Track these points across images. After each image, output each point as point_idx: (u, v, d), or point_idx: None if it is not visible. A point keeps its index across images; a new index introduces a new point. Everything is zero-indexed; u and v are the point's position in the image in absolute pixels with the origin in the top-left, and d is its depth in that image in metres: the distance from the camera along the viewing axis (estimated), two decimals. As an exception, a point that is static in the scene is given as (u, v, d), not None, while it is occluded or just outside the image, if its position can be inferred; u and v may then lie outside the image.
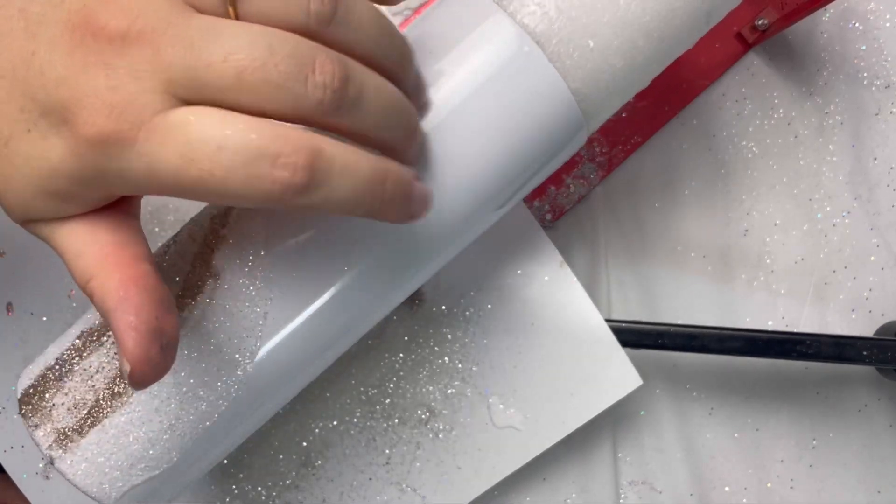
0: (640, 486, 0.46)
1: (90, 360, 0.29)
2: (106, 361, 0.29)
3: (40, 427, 0.29)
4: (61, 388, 0.29)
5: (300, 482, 0.41)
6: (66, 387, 0.29)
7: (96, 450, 0.29)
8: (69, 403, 0.29)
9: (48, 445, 0.29)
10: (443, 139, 0.30)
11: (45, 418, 0.29)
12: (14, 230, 0.40)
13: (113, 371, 0.29)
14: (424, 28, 0.32)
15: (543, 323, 0.41)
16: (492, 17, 0.30)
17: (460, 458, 0.41)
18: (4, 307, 0.41)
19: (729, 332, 0.41)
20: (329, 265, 0.30)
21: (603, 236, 0.47)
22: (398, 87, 0.26)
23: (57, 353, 0.30)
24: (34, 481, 0.41)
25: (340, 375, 0.41)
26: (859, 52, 0.47)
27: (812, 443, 0.47)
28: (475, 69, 0.30)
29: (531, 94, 0.30)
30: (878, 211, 0.47)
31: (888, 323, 0.46)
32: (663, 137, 0.48)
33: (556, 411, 0.41)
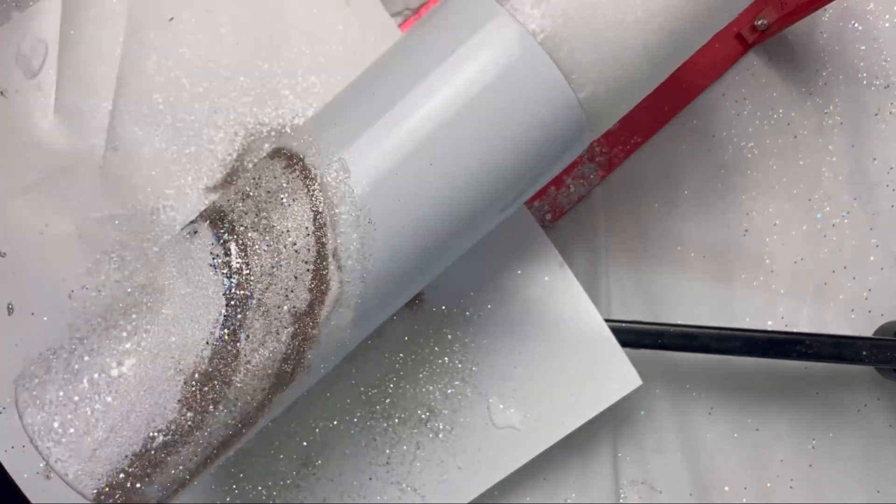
0: (640, 486, 0.47)
1: (182, 454, 0.30)
2: (196, 452, 0.30)
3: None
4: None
5: (301, 482, 0.41)
6: (158, 480, 0.30)
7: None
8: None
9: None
10: (448, 140, 0.30)
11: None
12: (15, 231, 0.40)
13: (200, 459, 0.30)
14: (428, 29, 0.32)
15: (543, 323, 0.41)
16: (496, 18, 0.30)
17: (460, 458, 0.41)
18: (5, 308, 0.41)
19: (729, 332, 0.42)
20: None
21: (603, 236, 0.48)
22: None
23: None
24: (34, 481, 0.41)
25: (341, 375, 0.41)
26: (859, 53, 0.47)
27: (811, 442, 0.47)
28: (479, 71, 0.30)
29: (535, 95, 0.30)
30: (877, 211, 0.47)
31: (887, 323, 0.46)
32: (663, 137, 0.48)
33: (556, 411, 0.41)
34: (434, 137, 0.30)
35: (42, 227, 0.41)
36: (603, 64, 0.31)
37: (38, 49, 0.41)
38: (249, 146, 0.41)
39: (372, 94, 0.31)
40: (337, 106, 0.33)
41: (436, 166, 0.30)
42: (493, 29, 0.30)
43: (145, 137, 0.41)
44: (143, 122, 0.41)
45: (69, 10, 0.41)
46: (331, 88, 0.41)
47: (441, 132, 0.30)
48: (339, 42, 0.41)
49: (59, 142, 0.40)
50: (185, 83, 0.41)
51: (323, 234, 0.29)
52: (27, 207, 0.41)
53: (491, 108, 0.30)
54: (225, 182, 0.41)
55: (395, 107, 0.30)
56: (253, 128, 0.41)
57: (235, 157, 0.41)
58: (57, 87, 0.41)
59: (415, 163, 0.30)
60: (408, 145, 0.30)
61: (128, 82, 0.41)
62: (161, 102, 0.41)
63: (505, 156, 0.31)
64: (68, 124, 0.41)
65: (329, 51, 0.41)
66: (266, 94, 0.41)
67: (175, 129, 0.41)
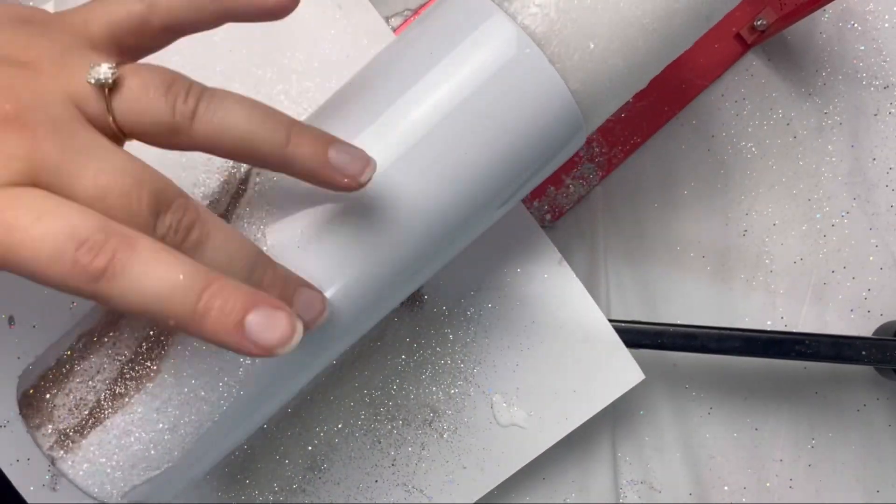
0: (639, 486, 0.47)
1: (90, 361, 0.29)
2: (107, 362, 0.29)
3: (41, 428, 0.29)
4: (62, 388, 0.29)
5: (307, 486, 0.41)
6: (67, 388, 0.29)
7: (97, 450, 0.29)
8: (70, 404, 0.29)
9: (49, 446, 0.29)
10: (444, 138, 0.30)
11: (46, 419, 0.29)
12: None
13: (114, 372, 0.29)
14: (424, 28, 0.32)
15: (544, 320, 0.41)
16: (492, 17, 0.30)
17: (465, 458, 0.41)
18: (6, 320, 0.41)
19: (728, 331, 0.42)
20: (326, 270, 0.30)
21: (602, 236, 0.48)
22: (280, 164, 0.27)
23: (56, 354, 0.30)
24: (41, 493, 0.41)
25: (344, 378, 0.41)
26: (858, 53, 0.47)
27: (811, 442, 0.47)
28: (475, 70, 0.30)
29: (531, 94, 0.30)
30: (876, 211, 0.47)
31: (887, 323, 0.46)
32: (663, 137, 0.48)
33: (560, 408, 0.41)
34: (430, 137, 0.30)
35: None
36: (597, 58, 0.31)
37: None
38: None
39: (367, 97, 0.31)
40: (332, 109, 0.33)
41: (433, 165, 0.30)
42: (489, 28, 0.30)
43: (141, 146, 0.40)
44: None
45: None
46: (325, 92, 0.41)
47: (437, 131, 0.30)
48: (333, 46, 0.41)
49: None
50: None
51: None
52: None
53: (487, 106, 0.30)
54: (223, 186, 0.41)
55: (390, 107, 0.30)
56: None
57: (232, 164, 0.41)
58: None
59: (412, 162, 0.30)
60: (404, 145, 0.30)
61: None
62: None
63: (501, 153, 0.31)
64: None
65: (322, 55, 0.41)
66: (261, 99, 0.41)
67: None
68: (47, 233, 0.21)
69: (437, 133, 0.30)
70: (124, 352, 0.29)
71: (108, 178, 0.23)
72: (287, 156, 0.27)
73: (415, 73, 0.30)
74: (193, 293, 0.23)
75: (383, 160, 0.30)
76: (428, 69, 0.30)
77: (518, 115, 0.30)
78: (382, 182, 0.30)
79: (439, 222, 0.31)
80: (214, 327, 0.23)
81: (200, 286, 0.23)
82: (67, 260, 0.21)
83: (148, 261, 0.22)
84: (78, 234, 0.22)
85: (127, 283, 0.22)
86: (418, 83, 0.30)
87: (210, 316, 0.23)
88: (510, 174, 0.32)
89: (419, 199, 0.30)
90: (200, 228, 0.25)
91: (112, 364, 0.29)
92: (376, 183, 0.30)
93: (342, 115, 0.31)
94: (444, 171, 0.30)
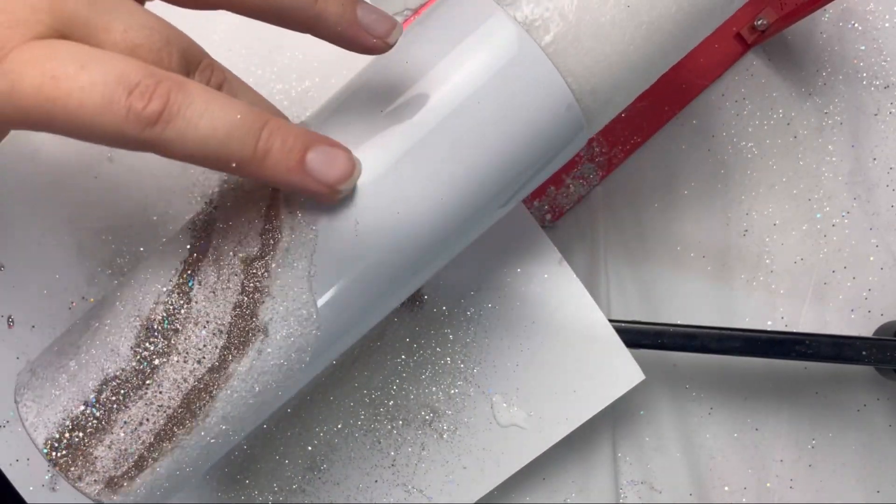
0: (639, 486, 0.47)
1: (133, 412, 0.29)
2: (152, 412, 0.29)
3: (84, 478, 0.29)
4: (102, 441, 0.29)
5: (306, 486, 0.41)
6: (108, 440, 0.29)
7: (148, 490, 0.29)
8: (114, 455, 0.29)
9: (97, 492, 0.29)
10: (444, 138, 0.30)
11: (89, 470, 0.29)
12: (14, 243, 0.40)
13: (160, 422, 0.29)
14: (425, 28, 0.32)
15: (544, 320, 0.41)
16: (493, 16, 0.30)
17: (465, 458, 0.41)
18: (5, 320, 0.41)
19: (728, 331, 0.42)
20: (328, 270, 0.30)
21: (602, 236, 0.48)
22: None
23: (79, 397, 0.29)
24: (40, 493, 0.41)
25: (344, 379, 0.41)
26: (858, 53, 0.47)
27: (811, 442, 0.47)
28: (476, 69, 0.30)
29: (532, 94, 0.30)
30: (877, 211, 0.47)
31: (887, 323, 0.46)
32: (663, 137, 0.48)
33: (560, 408, 0.41)
34: (431, 136, 0.30)
35: (40, 239, 0.41)
36: (600, 58, 0.31)
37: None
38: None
39: (367, 97, 0.31)
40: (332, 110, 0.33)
41: (433, 165, 0.30)
42: (490, 27, 0.30)
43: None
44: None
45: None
46: (325, 91, 0.41)
47: (438, 131, 0.30)
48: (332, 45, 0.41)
49: (55, 153, 0.40)
50: (179, 90, 0.41)
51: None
52: (25, 220, 0.41)
53: (488, 105, 0.30)
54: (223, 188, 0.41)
55: (391, 107, 0.30)
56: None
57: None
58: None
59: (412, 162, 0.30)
60: (405, 145, 0.30)
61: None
62: (156, 111, 0.41)
63: (502, 153, 0.30)
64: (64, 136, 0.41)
65: (321, 54, 0.41)
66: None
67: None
68: (95, 80, 0.21)
69: (438, 133, 0.30)
70: (168, 402, 0.29)
71: (138, 35, 0.22)
72: (316, 14, 0.26)
73: (415, 73, 0.30)
74: (253, 132, 0.23)
75: (385, 161, 0.30)
76: (428, 69, 0.30)
77: (519, 114, 0.30)
78: (383, 182, 0.30)
79: (439, 222, 0.31)
80: (276, 166, 0.23)
81: (259, 125, 0.23)
82: (121, 106, 0.21)
83: (204, 102, 0.22)
84: (128, 79, 0.21)
85: (185, 126, 0.22)
86: (419, 83, 0.30)
87: (271, 155, 0.23)
88: (511, 174, 0.31)
89: (419, 199, 0.30)
90: (228, 88, 0.25)
91: (158, 415, 0.29)
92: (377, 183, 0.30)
93: (343, 117, 0.31)
94: (445, 171, 0.30)
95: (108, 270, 0.41)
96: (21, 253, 0.40)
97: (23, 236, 0.41)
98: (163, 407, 0.29)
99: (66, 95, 0.21)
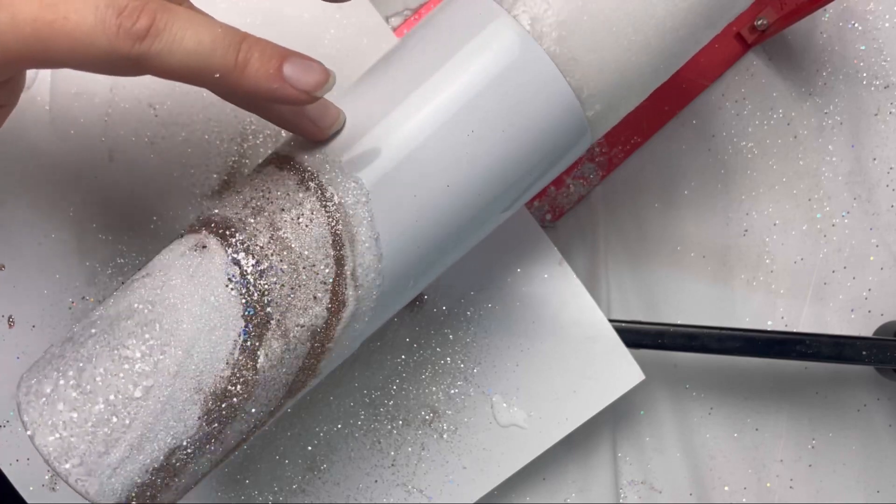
0: (639, 486, 0.47)
1: (202, 467, 0.30)
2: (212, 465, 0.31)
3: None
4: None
5: (306, 486, 0.41)
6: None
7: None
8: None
9: None
10: (446, 141, 0.30)
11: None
12: (14, 244, 0.40)
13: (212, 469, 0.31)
14: (429, 31, 0.32)
15: (544, 320, 0.41)
16: (497, 20, 0.30)
17: (465, 458, 0.41)
18: (5, 320, 0.41)
19: (728, 331, 0.42)
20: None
21: (603, 236, 0.48)
22: None
23: (145, 466, 0.29)
24: (40, 493, 0.41)
25: (344, 379, 0.41)
26: (859, 53, 0.47)
27: (811, 442, 0.47)
28: (479, 73, 0.30)
29: (536, 98, 0.30)
30: (877, 211, 0.47)
31: (887, 323, 0.46)
32: (663, 137, 0.48)
33: (560, 408, 0.41)
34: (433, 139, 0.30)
35: (41, 239, 0.41)
36: (604, 64, 0.31)
37: (32, 61, 0.41)
38: (246, 152, 0.41)
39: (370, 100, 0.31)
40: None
41: (435, 168, 0.30)
42: (494, 30, 0.30)
43: (140, 146, 0.41)
44: (137, 132, 0.41)
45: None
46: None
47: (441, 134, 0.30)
48: (332, 45, 0.41)
49: (55, 153, 0.40)
50: (179, 90, 0.41)
51: (342, 255, 0.30)
52: (26, 220, 0.41)
53: (491, 108, 0.30)
54: (223, 187, 0.40)
55: (395, 110, 0.30)
56: (249, 134, 0.41)
57: (232, 164, 0.41)
58: (51, 98, 0.41)
59: (414, 165, 0.30)
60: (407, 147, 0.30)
61: (121, 91, 0.41)
62: (156, 110, 0.41)
63: (504, 157, 0.31)
64: (64, 135, 0.41)
65: (322, 54, 0.41)
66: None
67: (171, 137, 0.41)
68: (87, 4, 0.23)
69: (440, 136, 0.30)
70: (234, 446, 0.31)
71: None
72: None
73: (418, 76, 0.30)
74: (233, 45, 0.25)
75: (387, 162, 0.30)
76: (431, 72, 0.30)
77: (522, 118, 0.30)
78: (385, 184, 0.30)
79: (440, 226, 0.31)
80: (256, 75, 0.26)
81: (238, 38, 0.25)
82: (111, 25, 0.23)
83: (187, 19, 0.24)
84: (117, 1, 0.23)
85: (170, 40, 0.24)
86: (422, 86, 0.30)
87: (251, 65, 0.25)
88: (513, 177, 0.31)
89: (420, 202, 0.30)
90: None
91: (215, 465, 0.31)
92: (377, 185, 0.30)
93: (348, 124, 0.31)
94: (447, 174, 0.30)
95: (108, 270, 0.41)
96: (21, 253, 0.40)
97: (23, 236, 0.41)
98: (222, 453, 0.30)
99: (62, 19, 0.23)
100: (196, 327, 0.28)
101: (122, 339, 0.28)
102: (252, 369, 0.29)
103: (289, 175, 0.30)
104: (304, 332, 0.29)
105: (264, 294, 0.29)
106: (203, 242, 0.30)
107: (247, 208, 0.30)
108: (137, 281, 0.30)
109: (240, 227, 0.29)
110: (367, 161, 0.30)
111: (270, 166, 0.32)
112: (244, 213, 0.30)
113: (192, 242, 0.30)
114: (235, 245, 0.29)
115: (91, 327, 0.29)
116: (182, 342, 0.28)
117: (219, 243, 0.29)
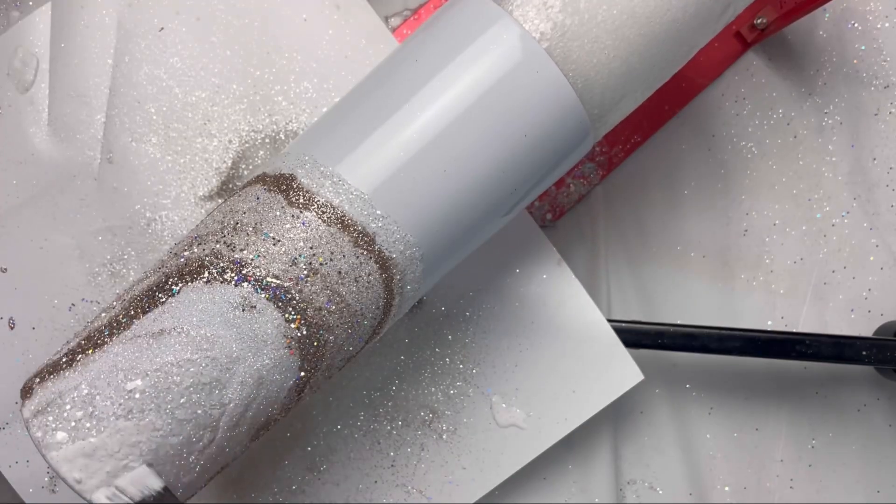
0: (639, 486, 0.47)
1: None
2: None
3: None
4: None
5: (306, 487, 0.41)
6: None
7: None
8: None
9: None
10: (448, 144, 0.30)
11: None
12: (14, 247, 0.40)
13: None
14: (431, 32, 0.32)
15: (543, 321, 0.41)
16: (499, 22, 0.30)
17: (465, 459, 0.41)
18: (6, 322, 0.41)
19: (728, 331, 0.42)
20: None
21: (603, 236, 0.48)
22: None
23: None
24: (40, 494, 0.41)
25: (343, 379, 0.41)
26: (858, 53, 0.47)
27: (811, 442, 0.47)
28: (482, 74, 0.30)
29: (538, 99, 0.30)
30: (877, 211, 0.47)
31: (887, 323, 0.46)
32: (663, 137, 0.48)
33: (559, 408, 0.41)
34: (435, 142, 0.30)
35: (41, 242, 0.41)
36: (605, 65, 0.31)
37: (30, 63, 0.41)
38: (244, 154, 0.41)
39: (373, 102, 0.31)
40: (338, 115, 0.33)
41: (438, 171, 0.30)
42: (496, 33, 0.30)
43: (139, 148, 0.41)
44: (136, 133, 0.41)
45: (59, 23, 0.41)
46: (323, 93, 0.41)
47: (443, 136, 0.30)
48: (331, 46, 0.41)
49: (55, 155, 0.40)
50: (177, 92, 0.41)
51: (389, 307, 0.32)
52: (26, 222, 0.41)
53: (493, 110, 0.30)
54: (221, 191, 0.41)
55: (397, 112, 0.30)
56: (247, 135, 0.41)
57: (230, 165, 0.41)
58: (50, 100, 0.41)
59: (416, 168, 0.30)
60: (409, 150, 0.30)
61: (120, 93, 0.41)
62: (154, 112, 0.41)
63: (507, 159, 0.31)
64: (62, 138, 0.41)
65: (320, 56, 0.41)
66: (259, 101, 0.41)
67: (168, 139, 0.41)
68: None
69: (442, 138, 0.30)
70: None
71: None
72: None
73: (421, 78, 0.30)
74: None
75: (389, 165, 0.30)
76: (434, 74, 0.30)
77: (524, 119, 0.30)
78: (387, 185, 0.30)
79: (442, 229, 0.31)
80: None
81: None
82: None
83: None
84: None
85: None
86: (424, 88, 0.30)
87: None
88: (516, 180, 0.31)
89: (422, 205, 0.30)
90: None
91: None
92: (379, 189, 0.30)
93: (348, 121, 0.31)
94: (449, 176, 0.30)
95: (108, 271, 0.41)
96: (22, 255, 0.41)
97: (23, 238, 0.41)
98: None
99: None
100: (253, 381, 0.29)
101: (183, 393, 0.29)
102: (297, 400, 0.32)
103: (340, 233, 0.30)
104: (345, 357, 0.32)
105: (320, 350, 0.30)
106: (252, 302, 0.29)
107: (301, 268, 0.30)
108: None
109: (293, 291, 0.29)
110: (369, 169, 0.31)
111: (324, 224, 0.30)
112: (295, 272, 0.29)
113: (239, 299, 0.29)
114: (289, 308, 0.29)
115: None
116: (241, 395, 0.29)
117: (272, 306, 0.29)
